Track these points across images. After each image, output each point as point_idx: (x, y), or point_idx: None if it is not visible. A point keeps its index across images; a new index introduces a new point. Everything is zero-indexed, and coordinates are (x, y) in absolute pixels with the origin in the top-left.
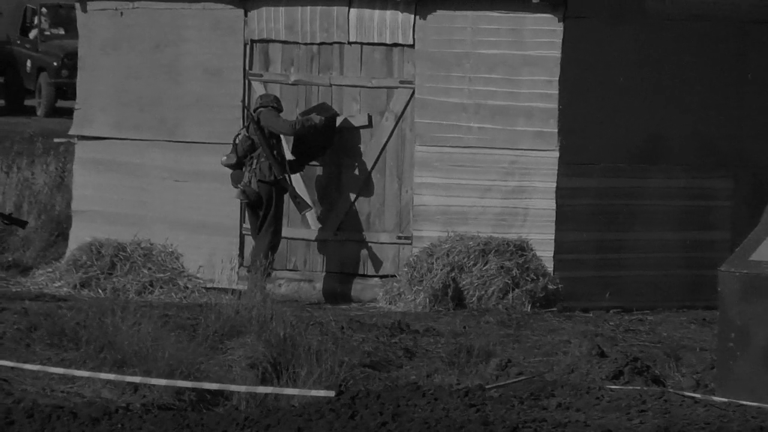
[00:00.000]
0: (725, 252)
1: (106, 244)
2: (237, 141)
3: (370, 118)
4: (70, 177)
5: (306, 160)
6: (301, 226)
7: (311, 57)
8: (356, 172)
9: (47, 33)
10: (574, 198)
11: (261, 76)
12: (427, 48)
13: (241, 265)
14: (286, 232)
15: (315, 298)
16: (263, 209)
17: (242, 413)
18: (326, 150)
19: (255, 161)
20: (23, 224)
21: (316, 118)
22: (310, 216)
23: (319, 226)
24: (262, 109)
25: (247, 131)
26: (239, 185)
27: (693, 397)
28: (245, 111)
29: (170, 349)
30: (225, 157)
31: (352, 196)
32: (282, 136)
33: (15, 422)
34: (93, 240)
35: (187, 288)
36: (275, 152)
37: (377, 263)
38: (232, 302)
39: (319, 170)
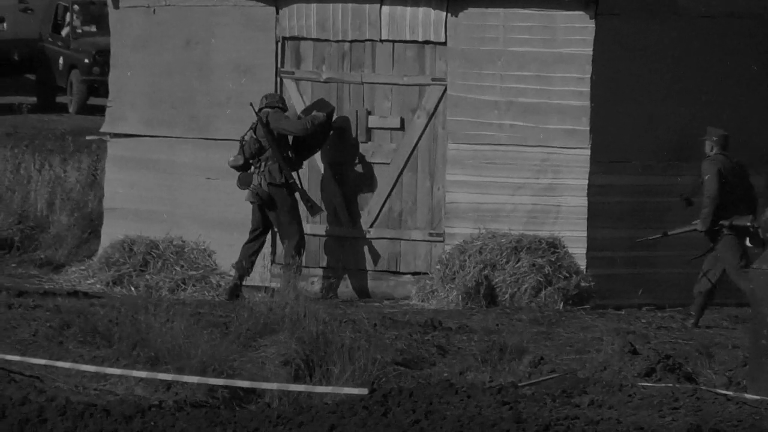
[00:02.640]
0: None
1: (138, 241)
2: (244, 142)
3: (402, 121)
4: (102, 174)
5: (307, 156)
6: (334, 224)
7: (343, 54)
8: (388, 169)
9: (79, 30)
10: (606, 195)
11: (292, 73)
12: (459, 45)
13: (273, 262)
14: (319, 229)
15: (348, 296)
16: (277, 212)
17: (275, 411)
18: (323, 145)
19: (263, 164)
20: None
21: (320, 115)
22: (342, 213)
23: (352, 224)
24: (268, 110)
25: (255, 133)
26: (250, 187)
27: (725, 395)
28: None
29: (203, 347)
30: (232, 159)
31: (385, 194)
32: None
33: (48, 420)
34: (125, 237)
35: (220, 285)
36: (285, 154)
37: (409, 260)
38: (265, 300)
39: (351, 168)
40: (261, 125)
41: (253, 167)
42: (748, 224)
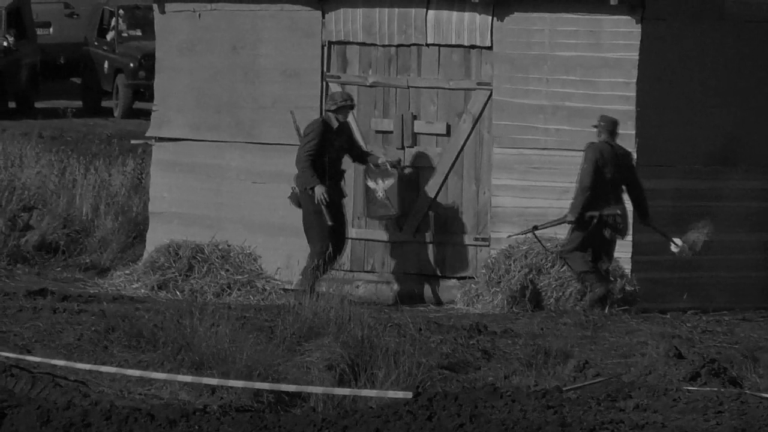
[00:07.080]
0: None
1: (183, 245)
2: None
3: (448, 127)
4: (147, 178)
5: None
6: (380, 228)
7: (389, 59)
8: (434, 174)
9: (124, 34)
10: (652, 199)
11: (338, 77)
12: (504, 50)
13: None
14: (364, 233)
15: (393, 300)
16: (303, 214)
17: (319, 415)
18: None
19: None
20: None
21: (319, 195)
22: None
23: (397, 228)
24: (329, 112)
25: None
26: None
27: None
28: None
29: (248, 351)
30: None
31: (430, 198)
32: (338, 147)
33: (92, 424)
34: (170, 242)
35: (265, 290)
36: (316, 163)
37: (455, 265)
38: (310, 304)
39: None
40: (296, 131)
41: None
42: (618, 213)
